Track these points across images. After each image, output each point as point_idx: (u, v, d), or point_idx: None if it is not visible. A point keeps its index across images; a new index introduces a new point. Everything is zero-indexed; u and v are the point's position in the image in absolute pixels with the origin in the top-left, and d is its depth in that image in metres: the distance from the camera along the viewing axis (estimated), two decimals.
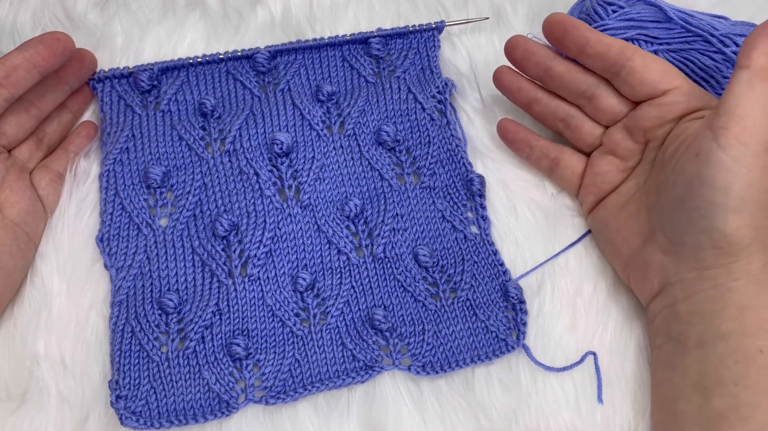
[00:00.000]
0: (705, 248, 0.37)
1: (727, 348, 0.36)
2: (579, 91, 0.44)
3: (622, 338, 0.43)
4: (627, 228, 0.42)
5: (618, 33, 0.45)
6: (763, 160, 0.35)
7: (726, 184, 0.35)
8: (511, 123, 0.48)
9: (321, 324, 0.43)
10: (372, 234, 0.46)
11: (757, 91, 0.35)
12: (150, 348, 0.42)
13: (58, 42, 0.43)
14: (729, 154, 0.35)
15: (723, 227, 0.36)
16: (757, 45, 0.35)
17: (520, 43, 0.45)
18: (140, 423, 0.40)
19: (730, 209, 0.36)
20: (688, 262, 0.38)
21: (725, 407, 0.35)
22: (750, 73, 0.35)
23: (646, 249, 0.41)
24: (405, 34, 0.51)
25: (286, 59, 0.50)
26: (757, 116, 0.35)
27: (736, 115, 0.35)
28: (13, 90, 0.42)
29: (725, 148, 0.35)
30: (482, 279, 0.45)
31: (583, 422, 0.41)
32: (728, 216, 0.36)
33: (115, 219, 0.46)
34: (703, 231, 0.37)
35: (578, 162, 0.46)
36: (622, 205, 0.43)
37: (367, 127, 0.48)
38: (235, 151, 0.47)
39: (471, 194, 0.47)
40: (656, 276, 0.40)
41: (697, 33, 0.44)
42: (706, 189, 0.36)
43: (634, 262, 0.42)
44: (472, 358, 0.42)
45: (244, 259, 0.44)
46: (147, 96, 0.49)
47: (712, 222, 0.36)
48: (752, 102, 0.35)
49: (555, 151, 0.46)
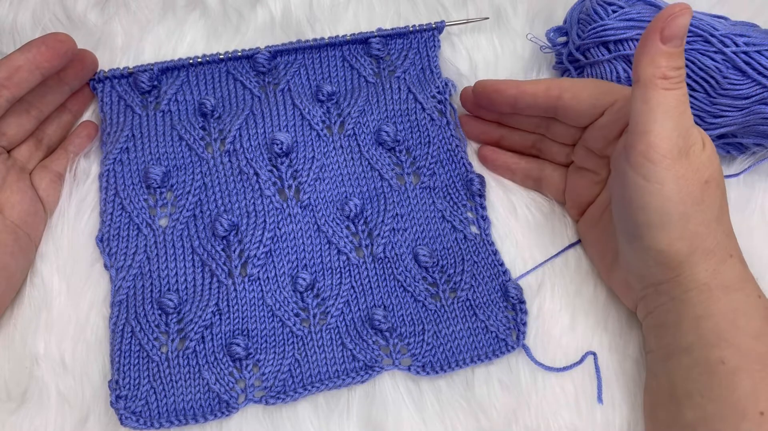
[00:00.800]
0: (650, 265, 0.38)
1: (690, 360, 0.36)
2: (533, 126, 0.46)
3: (622, 338, 0.43)
4: (603, 244, 0.43)
5: (618, 33, 0.45)
6: (675, 171, 0.35)
7: (644, 203, 0.35)
8: (490, 151, 0.49)
9: (321, 324, 0.43)
10: (372, 234, 0.46)
11: (651, 103, 0.35)
12: (150, 348, 0.42)
13: (60, 43, 0.43)
14: (639, 172, 0.35)
15: (654, 245, 0.36)
16: (641, 58, 0.35)
17: (469, 97, 0.47)
18: (140, 423, 0.40)
19: (654, 227, 0.36)
20: (643, 279, 0.39)
21: (694, 418, 0.35)
22: (641, 87, 0.35)
23: (617, 268, 0.41)
24: (405, 34, 0.51)
25: (286, 59, 0.50)
26: (657, 129, 0.35)
27: (638, 132, 0.35)
28: (15, 91, 0.42)
29: (636, 167, 0.35)
30: (482, 279, 0.45)
31: (583, 422, 0.41)
32: (655, 234, 0.36)
33: (115, 219, 0.46)
34: (641, 250, 0.37)
35: (559, 177, 0.46)
36: (597, 220, 0.44)
37: (367, 127, 0.48)
38: (235, 151, 0.47)
39: (471, 194, 0.47)
40: (628, 293, 0.41)
41: (697, 33, 0.44)
42: (630, 210, 0.36)
43: (613, 277, 0.43)
44: (472, 358, 0.42)
45: (244, 259, 0.44)
46: (147, 96, 0.49)
47: (644, 242, 0.37)
48: (649, 115, 0.35)
49: (536, 171, 0.47)
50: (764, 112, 0.43)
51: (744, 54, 0.43)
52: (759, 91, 0.43)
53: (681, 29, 0.34)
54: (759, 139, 0.45)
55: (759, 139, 0.45)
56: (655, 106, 0.34)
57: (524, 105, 0.44)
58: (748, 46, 0.43)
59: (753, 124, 0.44)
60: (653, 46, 0.34)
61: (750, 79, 0.43)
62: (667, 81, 0.34)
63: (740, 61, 0.43)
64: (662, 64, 0.34)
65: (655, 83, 0.34)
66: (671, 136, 0.35)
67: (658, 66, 0.34)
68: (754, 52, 0.43)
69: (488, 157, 0.49)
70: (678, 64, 0.35)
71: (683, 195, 0.35)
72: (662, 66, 0.34)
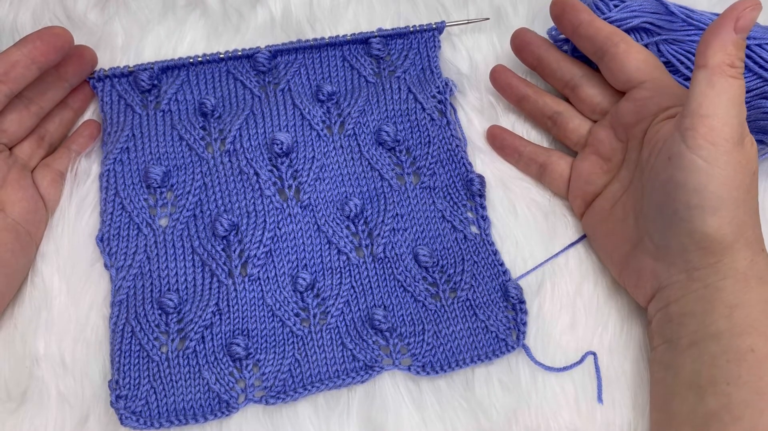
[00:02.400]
0: (690, 250, 0.38)
1: (718, 348, 0.36)
2: (564, 80, 0.46)
3: (622, 338, 0.43)
4: (616, 235, 0.43)
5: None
6: (733, 156, 0.35)
7: (700, 186, 0.36)
8: (499, 130, 0.49)
9: (321, 324, 0.43)
10: (372, 234, 0.46)
11: (717, 88, 0.35)
12: (150, 348, 0.42)
13: (56, 37, 0.43)
14: (699, 154, 0.35)
15: (703, 228, 0.36)
16: (711, 43, 0.36)
17: (520, 33, 0.48)
18: (140, 423, 0.40)
19: (707, 210, 0.36)
20: (677, 265, 0.39)
21: (718, 406, 0.35)
22: (708, 72, 0.35)
23: (637, 256, 0.41)
24: (405, 35, 0.51)
25: (286, 59, 0.50)
26: (721, 114, 0.35)
27: (701, 115, 0.36)
28: (12, 86, 0.42)
29: (695, 149, 0.36)
30: (482, 279, 0.45)
31: (583, 422, 0.41)
32: (707, 217, 0.36)
33: (115, 219, 0.46)
34: (685, 233, 0.37)
35: (565, 165, 0.46)
36: (609, 210, 0.43)
37: (367, 127, 0.48)
38: (235, 150, 0.47)
39: (471, 194, 0.47)
40: (649, 281, 0.41)
41: (699, 26, 0.44)
42: (682, 192, 0.36)
43: (627, 269, 0.42)
44: (472, 358, 0.42)
45: (244, 259, 0.44)
46: (147, 95, 0.49)
47: (692, 225, 0.37)
48: (714, 100, 0.35)
49: (543, 156, 0.47)
50: (765, 106, 0.43)
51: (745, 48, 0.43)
52: (760, 85, 0.43)
53: (752, 23, 0.35)
54: (760, 134, 0.45)
55: (760, 135, 0.45)
56: (721, 91, 0.35)
57: (584, 33, 0.43)
58: (749, 39, 0.43)
59: (754, 119, 0.44)
60: (727, 34, 0.35)
61: (751, 72, 0.43)
62: (734, 69, 0.35)
63: None
64: (732, 52, 0.35)
65: (723, 69, 0.35)
66: (733, 123, 0.35)
67: (729, 53, 0.35)
68: (755, 45, 0.43)
69: (497, 135, 0.49)
70: (742, 56, 0.36)
71: (738, 181, 0.36)
72: (732, 54, 0.35)
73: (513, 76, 0.49)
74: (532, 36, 0.48)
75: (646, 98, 0.41)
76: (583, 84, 0.46)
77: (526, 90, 0.48)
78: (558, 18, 0.45)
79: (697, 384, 0.37)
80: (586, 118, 0.47)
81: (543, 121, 0.48)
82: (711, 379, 0.36)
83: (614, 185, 0.43)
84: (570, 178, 0.46)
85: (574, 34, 0.44)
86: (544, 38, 0.48)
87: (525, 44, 0.48)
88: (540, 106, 0.48)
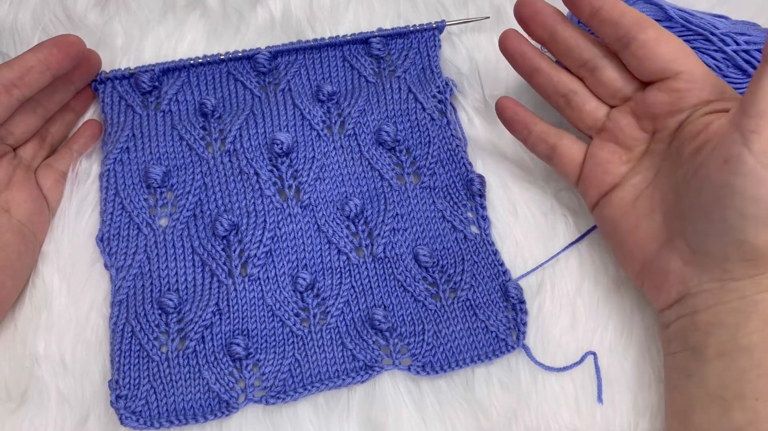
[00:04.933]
0: (732, 260, 0.35)
1: (750, 362, 0.34)
2: (582, 60, 0.41)
3: (622, 338, 0.43)
4: (640, 231, 0.39)
5: None
6: None
7: (759, 195, 0.32)
8: (510, 101, 0.45)
9: (321, 324, 0.43)
10: (372, 234, 0.46)
11: None
12: (150, 348, 0.42)
13: (71, 45, 0.44)
14: (762, 161, 0.32)
15: (754, 240, 0.33)
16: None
17: (530, 1, 0.42)
18: (140, 422, 0.40)
19: (762, 221, 0.33)
20: (713, 272, 0.36)
21: (745, 421, 0.34)
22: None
23: (664, 256, 0.38)
24: (405, 34, 0.51)
25: (286, 59, 0.50)
26: None
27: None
28: (26, 90, 0.42)
29: (758, 154, 0.32)
30: (482, 279, 0.45)
31: (583, 422, 0.41)
32: (760, 229, 0.33)
33: (115, 219, 0.46)
34: (731, 242, 0.34)
35: (578, 150, 0.43)
36: (631, 203, 0.40)
37: (367, 127, 0.48)
38: (236, 150, 0.47)
39: (471, 194, 0.47)
40: (675, 285, 0.38)
41: (698, 31, 0.44)
42: (737, 199, 0.33)
43: (650, 269, 0.39)
44: (472, 358, 0.42)
45: (244, 259, 0.44)
46: (148, 96, 0.49)
47: (742, 235, 0.34)
48: None
49: (554, 137, 0.44)
50: None
51: (744, 53, 0.43)
52: None
53: None
54: None
55: None
56: None
57: (606, 17, 0.39)
58: (749, 44, 0.43)
59: None
60: None
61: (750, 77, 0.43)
62: None
63: (740, 60, 0.43)
64: None
65: None
66: None
67: None
68: (755, 50, 0.43)
69: (508, 107, 0.45)
70: None
71: None
72: None
73: (526, 44, 0.43)
74: (543, 5, 0.41)
75: (684, 90, 0.37)
76: (605, 66, 0.41)
77: (540, 62, 0.43)
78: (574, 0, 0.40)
79: (722, 397, 0.35)
80: (603, 103, 0.42)
81: (555, 98, 0.43)
82: (739, 393, 0.34)
83: (636, 177, 0.40)
84: (583, 164, 0.43)
85: (593, 17, 0.39)
86: (557, 9, 0.42)
87: (535, 14, 0.41)
88: (555, 82, 0.43)
